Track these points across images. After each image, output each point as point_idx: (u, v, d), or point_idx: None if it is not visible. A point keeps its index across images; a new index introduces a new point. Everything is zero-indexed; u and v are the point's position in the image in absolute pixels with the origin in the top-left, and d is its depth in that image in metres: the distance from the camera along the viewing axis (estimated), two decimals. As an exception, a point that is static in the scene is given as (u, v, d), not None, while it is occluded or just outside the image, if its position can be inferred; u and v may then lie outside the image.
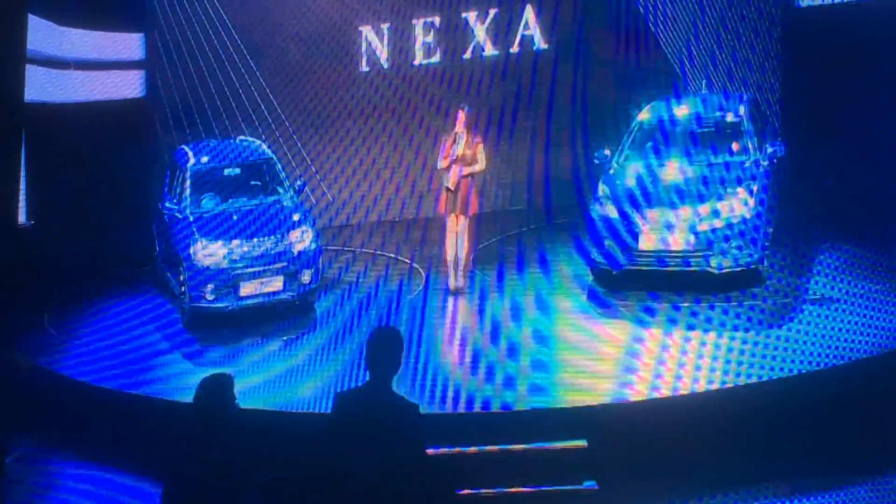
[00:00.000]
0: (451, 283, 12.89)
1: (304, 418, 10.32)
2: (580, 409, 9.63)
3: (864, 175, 12.46)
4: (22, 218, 13.97)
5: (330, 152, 16.11)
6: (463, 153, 12.48)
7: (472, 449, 9.41)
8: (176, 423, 11.07)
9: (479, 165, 12.63)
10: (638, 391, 9.94)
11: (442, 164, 12.63)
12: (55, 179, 14.35)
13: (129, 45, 16.44)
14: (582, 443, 9.48)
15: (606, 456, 9.27)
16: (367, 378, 6.14)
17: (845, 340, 10.23)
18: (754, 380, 9.83)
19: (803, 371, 9.86)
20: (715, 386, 9.83)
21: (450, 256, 12.87)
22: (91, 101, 15.48)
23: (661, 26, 14.39)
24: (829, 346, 10.16)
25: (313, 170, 15.83)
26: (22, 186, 13.84)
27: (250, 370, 11.99)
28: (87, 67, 15.55)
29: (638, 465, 9.06)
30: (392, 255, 14.65)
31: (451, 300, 12.76)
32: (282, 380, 11.69)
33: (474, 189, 12.72)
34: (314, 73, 16.25)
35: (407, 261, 14.35)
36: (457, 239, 12.74)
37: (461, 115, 12.59)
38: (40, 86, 14.10)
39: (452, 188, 12.52)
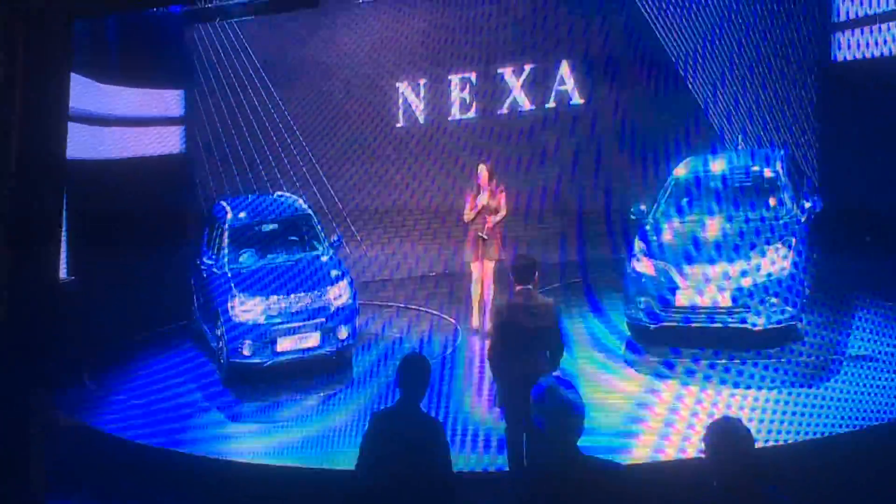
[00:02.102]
0: (475, 322, 13.14)
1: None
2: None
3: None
4: (63, 273, 14.03)
5: (368, 207, 16.15)
6: (487, 203, 13.02)
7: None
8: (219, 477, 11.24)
9: (503, 212, 13.16)
10: (672, 450, 9.90)
11: (467, 216, 13.15)
12: (96, 234, 14.43)
13: (169, 101, 16.64)
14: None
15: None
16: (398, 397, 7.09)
17: (886, 399, 10.12)
18: (792, 439, 9.77)
19: (842, 431, 9.77)
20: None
21: (475, 300, 13.13)
22: (131, 157, 15.64)
23: (697, 81, 14.38)
24: (869, 405, 10.06)
25: (350, 225, 15.86)
26: (63, 242, 13.91)
27: (287, 426, 12.04)
28: (128, 124, 15.74)
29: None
30: (427, 310, 14.61)
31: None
32: (319, 436, 11.72)
33: (499, 235, 13.18)
34: (352, 129, 16.35)
35: (441, 315, 14.31)
36: (482, 284, 13.10)
37: (482, 169, 13.19)
38: (82, 142, 14.22)
39: (485, 237, 12.96)
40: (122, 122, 15.67)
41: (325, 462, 11.02)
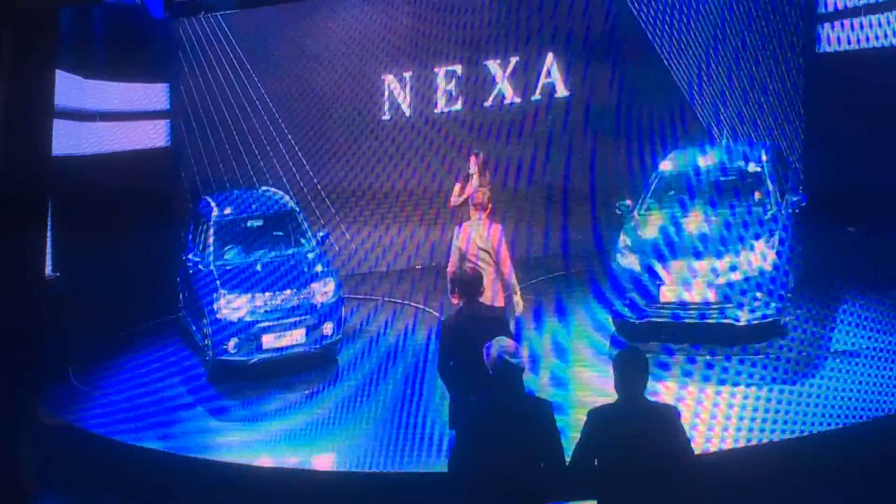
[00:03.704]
0: None
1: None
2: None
3: (889, 221, 12.25)
4: (48, 269, 13.94)
5: (355, 200, 16.03)
6: (480, 191, 12.86)
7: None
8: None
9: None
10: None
11: (453, 201, 13.55)
12: (81, 231, 14.34)
13: (154, 95, 16.54)
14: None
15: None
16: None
17: (871, 394, 10.09)
18: (777, 437, 9.75)
19: (827, 428, 9.75)
20: (737, 444, 9.75)
21: None
22: (116, 151, 15.54)
23: (683, 74, 14.29)
24: (853, 401, 10.03)
25: (337, 219, 15.75)
26: (48, 238, 13.82)
27: (272, 423, 12.04)
28: (112, 118, 15.63)
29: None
30: (411, 303, 14.52)
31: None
32: (304, 432, 11.72)
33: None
34: (338, 122, 16.26)
35: (426, 308, 14.21)
36: None
37: (473, 160, 13.58)
38: (66, 139, 14.12)
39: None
40: (106, 116, 15.55)
41: (308, 459, 11.06)
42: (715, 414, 10.37)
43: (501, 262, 11.00)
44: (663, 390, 10.86)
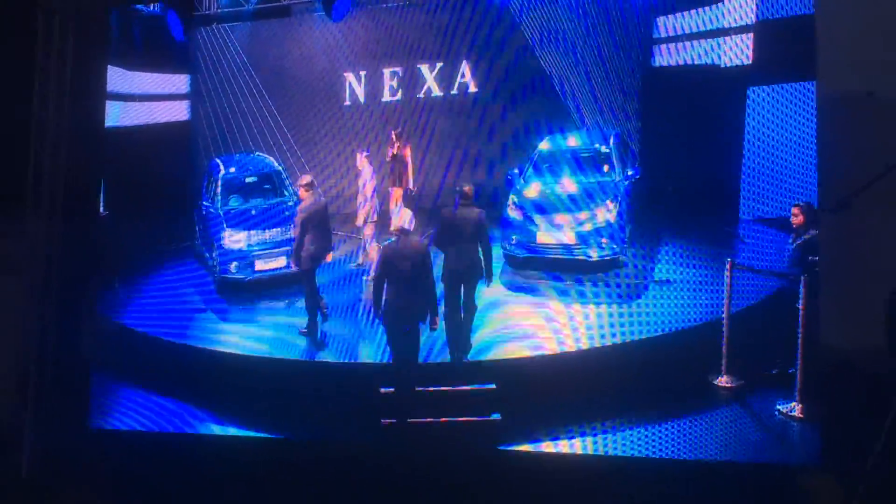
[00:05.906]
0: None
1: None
2: (491, 361, 9.53)
3: (697, 189, 12.23)
4: (101, 209, 13.52)
5: (322, 163, 15.64)
6: (396, 153, 13.53)
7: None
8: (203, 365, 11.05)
9: (408, 162, 13.63)
10: (534, 347, 9.88)
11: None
12: (125, 181, 13.85)
13: (179, 82, 15.90)
14: (491, 386, 9.40)
15: (508, 396, 9.20)
16: None
17: (680, 311, 10.18)
18: (618, 340, 9.81)
19: (650, 334, 9.82)
20: (586, 345, 9.78)
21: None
22: (150, 123, 14.97)
23: (557, 78, 14.07)
24: (668, 316, 10.12)
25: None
26: (101, 186, 13.41)
27: (263, 324, 11.86)
28: (148, 100, 15.04)
29: (531, 403, 8.99)
30: (360, 237, 14.24)
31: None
32: (286, 330, 11.54)
33: (407, 171, 13.65)
34: (311, 106, 15.77)
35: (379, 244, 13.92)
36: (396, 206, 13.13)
37: (392, 133, 13.71)
38: (115, 115, 13.60)
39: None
40: (143, 98, 14.95)
41: (287, 352, 10.92)
42: (572, 323, 10.38)
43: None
44: (532, 305, 10.91)
